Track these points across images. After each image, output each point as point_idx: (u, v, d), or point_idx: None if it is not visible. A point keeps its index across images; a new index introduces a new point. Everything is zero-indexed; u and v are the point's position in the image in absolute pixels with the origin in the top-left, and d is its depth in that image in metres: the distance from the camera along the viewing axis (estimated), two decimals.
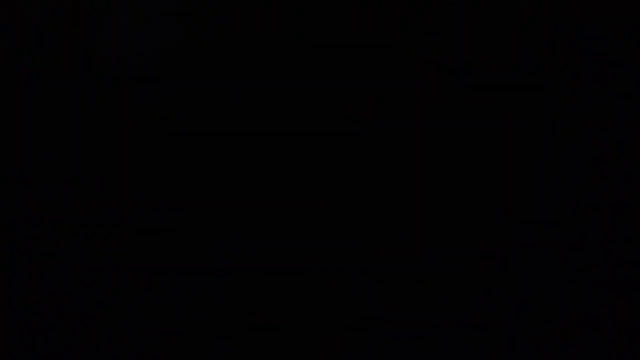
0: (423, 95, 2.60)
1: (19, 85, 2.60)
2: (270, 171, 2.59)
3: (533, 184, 2.57)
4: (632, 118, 2.58)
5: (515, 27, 2.60)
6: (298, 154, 2.59)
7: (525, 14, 2.60)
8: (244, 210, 2.58)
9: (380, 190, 2.59)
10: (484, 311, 2.53)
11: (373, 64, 2.60)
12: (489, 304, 2.54)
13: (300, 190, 2.59)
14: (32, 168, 2.58)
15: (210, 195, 2.59)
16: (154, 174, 2.59)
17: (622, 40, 2.59)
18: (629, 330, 2.50)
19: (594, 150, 2.58)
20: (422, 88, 2.60)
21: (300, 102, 2.61)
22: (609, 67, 2.59)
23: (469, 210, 2.57)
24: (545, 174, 2.57)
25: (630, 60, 2.59)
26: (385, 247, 2.57)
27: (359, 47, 2.60)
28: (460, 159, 2.58)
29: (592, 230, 2.55)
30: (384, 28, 2.61)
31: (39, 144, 2.59)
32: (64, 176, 2.58)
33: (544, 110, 2.59)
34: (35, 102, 2.60)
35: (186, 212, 2.58)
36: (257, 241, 2.57)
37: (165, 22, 2.59)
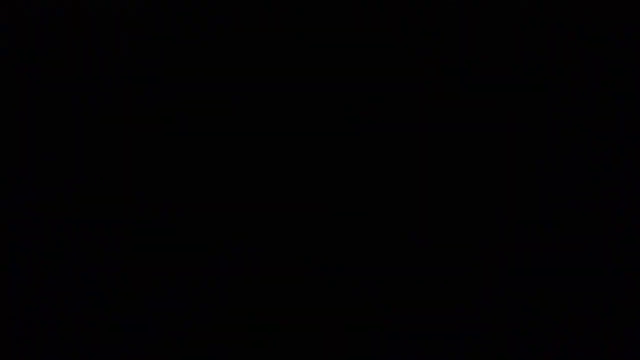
0: (423, 95, 2.60)
1: (19, 85, 2.60)
2: (270, 171, 2.59)
3: (533, 184, 2.57)
4: (632, 118, 2.58)
5: (515, 27, 2.60)
6: (298, 154, 2.60)
7: (525, 14, 2.60)
8: (244, 210, 2.58)
9: (381, 190, 2.59)
10: (484, 311, 2.53)
11: (373, 64, 2.60)
12: (489, 304, 2.54)
13: (300, 190, 2.59)
14: (32, 168, 2.58)
15: (210, 195, 2.59)
16: (154, 174, 2.59)
17: (622, 40, 2.59)
18: (629, 330, 2.50)
19: (594, 150, 2.58)
20: (422, 88, 2.60)
21: (300, 102, 2.61)
22: (609, 67, 2.59)
23: (469, 210, 2.57)
24: (545, 174, 2.57)
25: (631, 60, 2.59)
26: (386, 247, 2.57)
27: (359, 47, 2.60)
28: (461, 159, 2.58)
29: (592, 230, 2.55)
30: (384, 28, 2.61)
31: (39, 144, 2.59)
32: (64, 176, 2.58)
33: (544, 110, 2.59)
34: (35, 102, 2.60)
35: (186, 212, 2.58)
36: (257, 241, 2.58)
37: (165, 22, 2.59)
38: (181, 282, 2.56)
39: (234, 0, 2.62)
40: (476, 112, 2.59)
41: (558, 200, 2.56)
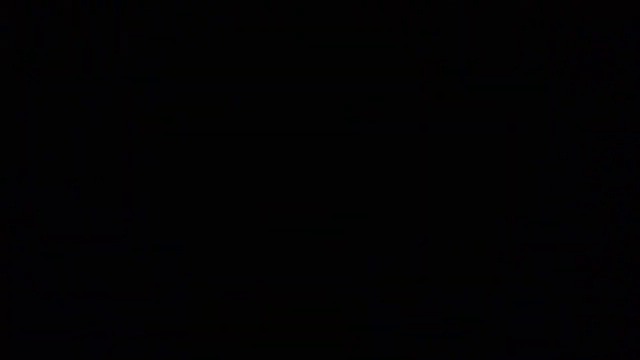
0: (423, 95, 2.60)
1: (19, 85, 2.60)
2: (270, 171, 2.59)
3: (533, 184, 2.57)
4: (632, 118, 2.58)
5: (515, 27, 2.59)
6: (298, 154, 2.59)
7: (525, 14, 2.60)
8: (244, 210, 2.58)
9: (381, 190, 2.59)
10: (483, 311, 2.53)
11: (373, 64, 2.60)
12: (489, 304, 2.54)
13: (300, 190, 2.59)
14: (32, 168, 2.57)
15: (210, 195, 2.59)
16: (154, 174, 2.59)
17: (622, 40, 2.59)
18: (629, 330, 2.50)
19: (594, 150, 2.58)
20: (422, 88, 2.60)
21: (300, 102, 2.60)
22: (609, 67, 2.59)
23: (469, 211, 2.57)
24: (545, 174, 2.57)
25: (631, 60, 2.59)
26: (386, 248, 2.57)
27: (359, 47, 2.60)
28: (461, 159, 2.58)
29: (592, 230, 2.55)
30: (384, 28, 2.61)
31: (39, 144, 2.59)
32: (64, 176, 2.58)
33: (544, 110, 2.58)
34: (35, 102, 2.60)
35: (186, 212, 2.58)
36: (257, 241, 2.57)
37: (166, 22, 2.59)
38: (181, 282, 2.56)
39: (234, 0, 2.62)
40: (476, 112, 2.59)
41: (558, 200, 2.56)
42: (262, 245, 2.56)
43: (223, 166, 2.59)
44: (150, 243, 2.56)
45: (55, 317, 2.52)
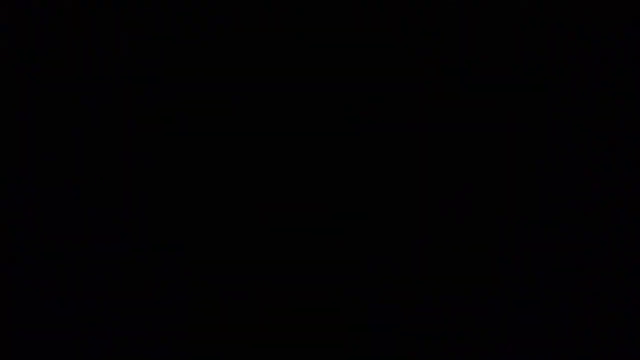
0: (423, 95, 2.60)
1: (19, 85, 2.60)
2: (271, 171, 2.59)
3: (533, 184, 2.57)
4: (632, 118, 2.58)
5: (515, 27, 2.59)
6: (298, 154, 2.59)
7: (525, 14, 2.60)
8: (244, 210, 2.58)
9: (381, 190, 2.59)
10: (484, 311, 2.53)
11: (373, 64, 2.60)
12: (489, 304, 2.54)
13: (300, 190, 2.59)
14: (32, 168, 2.57)
15: (210, 195, 2.59)
16: (154, 174, 2.59)
17: (622, 40, 2.59)
18: (629, 331, 2.50)
19: (594, 150, 2.58)
20: (422, 88, 2.60)
21: (300, 102, 2.60)
22: (609, 67, 2.59)
23: (469, 211, 2.57)
24: (545, 174, 2.57)
25: (631, 60, 2.59)
26: (386, 248, 2.57)
27: (359, 47, 2.60)
28: (460, 159, 2.58)
29: (592, 230, 2.55)
30: (384, 28, 2.61)
31: (39, 144, 2.59)
32: (64, 176, 2.58)
33: (544, 110, 2.58)
34: (36, 102, 2.60)
35: (186, 212, 2.58)
36: (257, 241, 2.57)
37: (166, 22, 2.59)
38: (181, 282, 2.56)
39: (234, 0, 2.62)
40: (476, 112, 2.59)
41: (558, 200, 2.56)
42: (262, 245, 2.57)
43: (223, 166, 2.59)
44: (150, 243, 2.56)
45: (55, 317, 2.52)
